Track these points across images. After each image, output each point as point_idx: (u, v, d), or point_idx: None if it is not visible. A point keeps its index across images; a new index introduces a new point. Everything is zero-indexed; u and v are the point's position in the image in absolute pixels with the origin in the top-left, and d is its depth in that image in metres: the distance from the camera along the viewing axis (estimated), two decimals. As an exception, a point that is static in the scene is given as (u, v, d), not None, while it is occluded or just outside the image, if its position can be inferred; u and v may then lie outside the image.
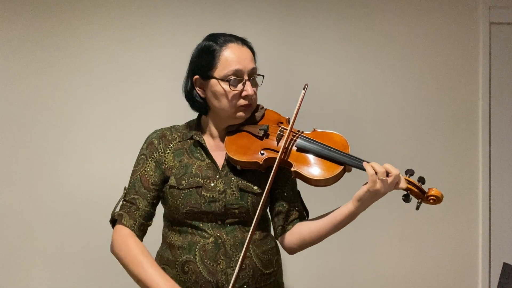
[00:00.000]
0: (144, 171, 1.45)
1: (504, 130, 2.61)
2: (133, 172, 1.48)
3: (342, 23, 2.52)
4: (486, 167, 2.58)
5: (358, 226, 2.45)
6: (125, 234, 1.40)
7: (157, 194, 1.46)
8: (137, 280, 1.33)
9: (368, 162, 1.35)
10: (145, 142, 1.51)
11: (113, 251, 1.41)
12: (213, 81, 1.41)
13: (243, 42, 1.45)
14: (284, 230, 1.49)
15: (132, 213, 1.42)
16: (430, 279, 2.56)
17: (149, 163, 1.46)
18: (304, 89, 1.44)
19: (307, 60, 2.49)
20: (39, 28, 2.35)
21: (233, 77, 1.39)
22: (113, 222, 1.45)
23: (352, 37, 2.52)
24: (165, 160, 1.46)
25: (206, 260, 1.37)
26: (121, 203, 1.46)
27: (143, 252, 1.36)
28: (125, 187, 1.48)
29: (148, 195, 1.44)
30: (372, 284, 2.52)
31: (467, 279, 2.58)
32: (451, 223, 2.57)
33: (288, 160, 1.39)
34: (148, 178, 1.44)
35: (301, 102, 1.43)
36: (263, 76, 1.48)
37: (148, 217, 1.45)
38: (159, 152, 1.47)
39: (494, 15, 2.59)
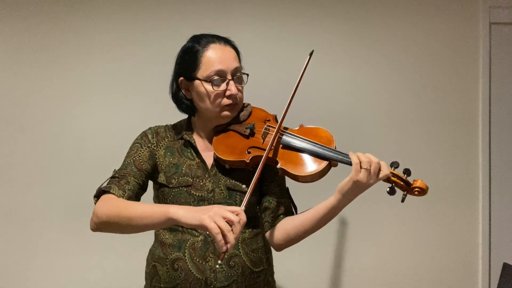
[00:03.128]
0: (138, 156, 1.47)
1: (504, 130, 2.60)
2: (126, 157, 1.49)
3: (340, 22, 2.52)
4: (486, 167, 2.57)
5: (354, 225, 2.49)
6: (112, 197, 1.36)
7: (146, 180, 1.47)
8: (136, 218, 1.27)
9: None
10: (139, 135, 1.53)
11: (98, 216, 1.33)
12: (197, 82, 1.43)
13: (226, 41, 1.46)
14: (270, 225, 1.50)
15: (121, 185, 1.40)
16: (430, 279, 2.55)
17: (143, 150, 1.48)
18: (310, 55, 1.45)
19: (302, 60, 2.50)
20: (37, 27, 2.38)
21: (216, 77, 1.41)
22: (98, 198, 1.40)
23: (351, 36, 2.53)
24: (157, 154, 1.48)
25: (195, 258, 1.40)
26: (108, 180, 1.44)
27: (132, 201, 1.34)
28: (115, 169, 1.48)
29: (140, 176, 1.44)
30: (369, 284, 2.52)
31: (467, 279, 2.57)
32: (451, 223, 2.56)
33: (274, 157, 1.41)
34: (141, 163, 1.46)
35: (304, 69, 1.45)
36: (248, 75, 1.49)
37: (137, 194, 1.44)
38: (152, 145, 1.49)
39: (494, 15, 2.58)
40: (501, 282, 2.26)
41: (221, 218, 1.15)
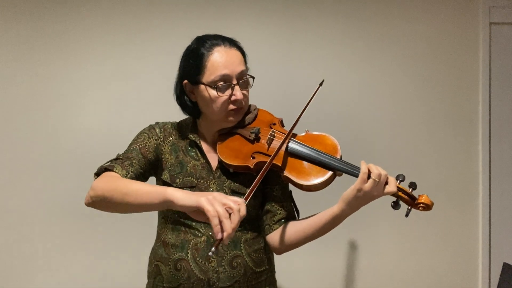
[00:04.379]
0: (144, 145, 1.45)
1: (504, 130, 2.60)
2: (132, 143, 1.47)
3: (342, 23, 2.52)
4: (486, 167, 2.57)
5: (356, 225, 2.49)
6: (114, 174, 1.34)
7: (148, 169, 1.46)
8: (131, 192, 1.25)
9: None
10: (146, 127, 1.52)
11: (94, 189, 1.32)
12: (201, 86, 1.40)
13: (231, 43, 1.42)
14: (271, 229, 1.48)
15: (125, 166, 1.39)
16: (430, 279, 2.56)
17: (150, 141, 1.47)
18: (320, 84, 1.45)
19: (306, 60, 2.51)
20: (36, 26, 2.37)
21: (220, 83, 1.38)
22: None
23: (351, 37, 2.53)
24: (163, 150, 1.47)
25: (198, 259, 1.40)
26: (111, 160, 1.43)
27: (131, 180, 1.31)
28: (118, 153, 1.46)
29: (143, 164, 1.43)
30: (369, 284, 2.53)
31: (467, 279, 2.58)
32: (451, 223, 2.56)
33: (279, 164, 1.39)
34: (147, 152, 1.45)
35: (313, 96, 1.43)
36: (253, 78, 1.46)
37: (138, 178, 1.41)
38: (159, 139, 1.48)
39: (494, 15, 2.58)
40: (501, 282, 2.27)
41: (220, 204, 1.11)
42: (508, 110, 2.61)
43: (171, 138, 1.49)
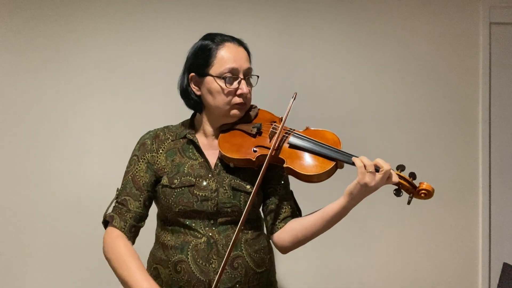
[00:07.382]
0: (136, 172, 1.47)
1: (504, 130, 2.60)
2: (126, 173, 1.50)
3: (341, 23, 2.52)
4: (486, 167, 2.57)
5: (355, 225, 2.49)
6: (115, 236, 1.41)
7: (149, 195, 1.47)
8: (124, 283, 1.34)
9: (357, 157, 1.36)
10: (137, 143, 1.53)
11: (104, 254, 1.42)
12: (209, 78, 1.43)
13: (239, 42, 1.48)
14: (276, 228, 1.49)
15: (123, 215, 1.44)
16: (430, 279, 2.56)
17: (140, 164, 1.48)
18: (293, 97, 1.46)
19: (305, 60, 2.50)
20: (36, 26, 2.36)
21: (228, 75, 1.41)
22: (105, 223, 1.47)
23: (351, 37, 2.53)
24: (157, 161, 1.47)
25: (198, 260, 1.39)
26: (113, 204, 1.48)
27: (131, 254, 1.37)
28: (117, 188, 1.50)
29: (140, 196, 1.45)
30: (369, 285, 2.52)
31: (467, 279, 2.58)
32: (451, 223, 2.56)
33: (281, 156, 1.41)
34: (139, 179, 1.46)
35: (289, 110, 1.44)
36: (258, 77, 1.50)
37: (140, 219, 1.46)
38: (151, 153, 1.48)
39: (494, 15, 2.58)
40: (501, 282, 2.27)
41: None
42: (508, 110, 2.61)
43: (165, 144, 1.50)
